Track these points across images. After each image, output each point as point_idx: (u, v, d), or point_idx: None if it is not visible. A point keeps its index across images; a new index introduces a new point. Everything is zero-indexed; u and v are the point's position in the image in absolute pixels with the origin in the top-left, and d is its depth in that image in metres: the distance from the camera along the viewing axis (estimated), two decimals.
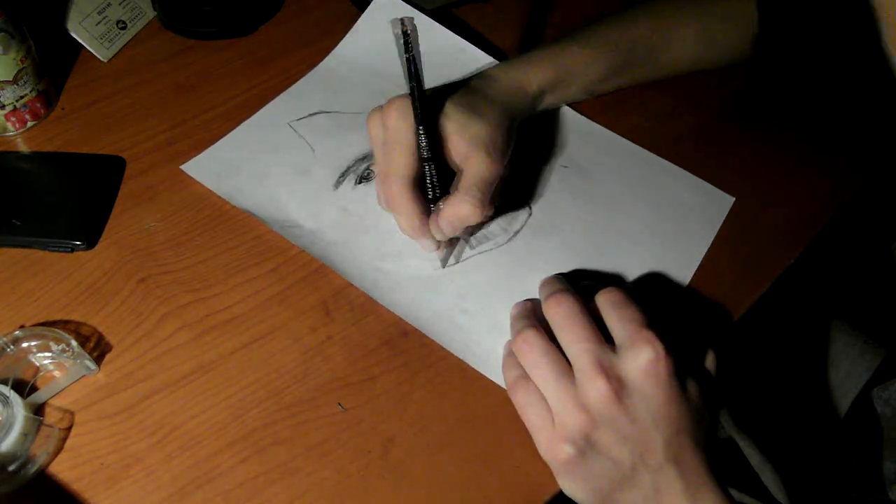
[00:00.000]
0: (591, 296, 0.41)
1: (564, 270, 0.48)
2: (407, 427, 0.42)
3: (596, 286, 0.45)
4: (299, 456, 0.41)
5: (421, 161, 0.45)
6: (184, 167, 0.52)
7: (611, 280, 0.48)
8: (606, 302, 0.40)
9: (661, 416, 0.37)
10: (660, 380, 0.37)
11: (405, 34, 0.41)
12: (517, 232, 0.50)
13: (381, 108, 0.46)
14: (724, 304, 0.49)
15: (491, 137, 0.46)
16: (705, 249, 0.51)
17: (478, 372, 0.44)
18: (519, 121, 0.52)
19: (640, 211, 0.52)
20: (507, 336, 0.45)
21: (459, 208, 0.45)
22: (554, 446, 0.39)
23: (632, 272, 0.49)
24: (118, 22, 0.60)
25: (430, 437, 0.42)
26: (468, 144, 0.46)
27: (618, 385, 0.37)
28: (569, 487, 0.39)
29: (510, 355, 0.42)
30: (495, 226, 0.50)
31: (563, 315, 0.39)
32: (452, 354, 0.45)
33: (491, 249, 0.49)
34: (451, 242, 0.49)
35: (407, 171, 0.45)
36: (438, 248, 0.48)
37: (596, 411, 0.37)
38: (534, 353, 0.39)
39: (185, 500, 0.39)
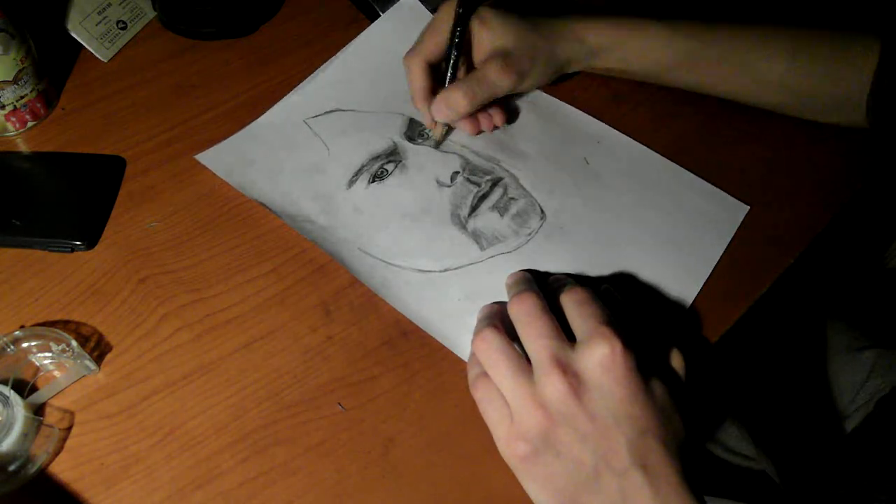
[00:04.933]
0: (608, 299, 0.41)
1: (575, 274, 0.48)
2: (407, 427, 0.42)
3: (611, 289, 0.45)
4: (299, 456, 0.41)
5: (449, 50, 0.52)
6: (198, 157, 0.52)
7: (622, 284, 0.48)
8: (570, 300, 0.40)
9: (622, 414, 0.36)
10: (617, 375, 0.36)
11: None
12: (529, 236, 0.50)
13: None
14: (723, 305, 0.49)
15: (515, 54, 0.51)
16: (718, 257, 0.51)
17: None
18: (565, 66, 0.55)
19: (652, 217, 0.52)
20: None
21: (450, 93, 0.50)
22: (511, 444, 0.38)
23: (643, 278, 0.49)
24: (118, 22, 0.60)
25: (430, 437, 0.42)
26: (490, 52, 0.52)
27: (574, 380, 0.36)
28: (531, 490, 0.38)
29: (473, 354, 0.42)
30: (508, 229, 0.50)
31: (524, 313, 0.39)
32: (453, 354, 0.45)
33: (503, 253, 0.49)
34: (447, 130, 0.55)
35: (426, 50, 0.52)
36: (434, 125, 0.54)
37: (553, 408, 0.37)
38: (491, 351, 0.39)
39: (185, 500, 0.39)
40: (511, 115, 0.57)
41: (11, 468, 0.38)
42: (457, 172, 0.53)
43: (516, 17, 0.52)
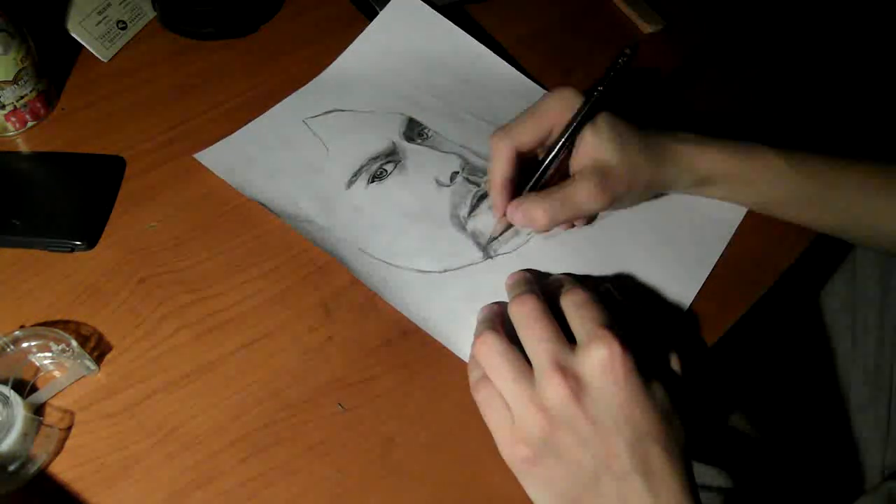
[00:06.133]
0: (608, 301, 0.41)
1: (575, 275, 0.48)
2: (407, 427, 0.42)
3: (611, 289, 0.45)
4: (299, 456, 0.41)
5: (549, 150, 0.47)
6: (197, 156, 0.52)
7: (621, 285, 0.48)
8: (569, 302, 0.40)
9: (623, 417, 0.36)
10: (617, 378, 0.36)
11: (632, 50, 0.45)
12: (529, 236, 0.50)
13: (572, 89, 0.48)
14: (723, 306, 0.49)
15: (613, 176, 0.46)
16: (717, 257, 0.51)
17: None
18: (665, 190, 0.51)
19: (652, 217, 0.52)
20: None
21: (533, 207, 0.46)
22: (512, 446, 0.38)
23: (642, 279, 0.49)
24: (118, 22, 0.60)
25: (430, 437, 0.42)
26: (589, 165, 0.47)
27: (575, 383, 0.36)
28: (533, 492, 0.39)
29: (474, 357, 0.42)
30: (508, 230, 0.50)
31: (524, 315, 0.39)
32: (453, 354, 0.45)
33: (503, 253, 0.49)
34: (508, 230, 0.50)
35: (521, 138, 0.47)
36: (499, 221, 0.49)
37: (554, 411, 0.37)
38: (491, 354, 0.39)
39: (185, 500, 0.39)
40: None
41: (11, 468, 0.38)
42: (456, 172, 0.53)
43: (627, 128, 0.47)
